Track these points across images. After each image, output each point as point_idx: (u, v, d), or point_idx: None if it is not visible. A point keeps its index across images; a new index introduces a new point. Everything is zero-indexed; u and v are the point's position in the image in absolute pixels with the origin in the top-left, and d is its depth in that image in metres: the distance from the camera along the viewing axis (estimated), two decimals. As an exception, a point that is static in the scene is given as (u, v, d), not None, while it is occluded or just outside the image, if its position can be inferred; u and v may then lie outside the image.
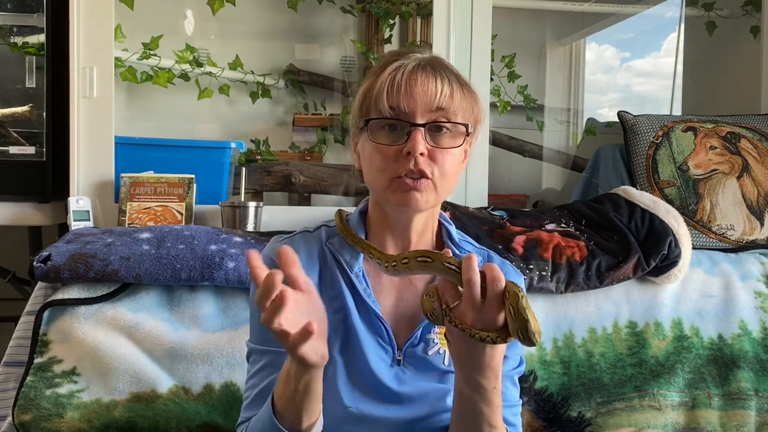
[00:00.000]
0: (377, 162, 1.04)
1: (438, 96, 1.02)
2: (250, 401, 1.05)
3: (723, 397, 1.67)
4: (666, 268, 1.70)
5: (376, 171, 1.04)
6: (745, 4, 2.58)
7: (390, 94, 1.02)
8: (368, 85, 1.07)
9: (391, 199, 1.04)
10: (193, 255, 1.53)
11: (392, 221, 1.09)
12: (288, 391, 0.93)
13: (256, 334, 1.08)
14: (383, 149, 1.03)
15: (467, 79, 1.09)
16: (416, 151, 1.00)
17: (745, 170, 1.96)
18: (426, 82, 1.03)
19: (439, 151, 1.03)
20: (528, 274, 1.61)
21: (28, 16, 2.04)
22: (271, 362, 1.04)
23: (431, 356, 1.07)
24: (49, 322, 1.48)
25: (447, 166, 1.03)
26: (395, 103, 1.02)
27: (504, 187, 2.71)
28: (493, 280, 0.89)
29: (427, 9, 2.39)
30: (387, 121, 1.03)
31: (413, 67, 1.04)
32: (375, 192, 1.08)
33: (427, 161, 1.02)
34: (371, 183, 1.07)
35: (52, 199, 2.00)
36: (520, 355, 1.15)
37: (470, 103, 1.07)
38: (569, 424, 1.62)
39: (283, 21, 2.66)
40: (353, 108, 1.10)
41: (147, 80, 2.36)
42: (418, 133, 1.01)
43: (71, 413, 1.40)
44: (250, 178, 2.13)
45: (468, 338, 0.91)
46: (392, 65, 1.05)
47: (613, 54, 3.12)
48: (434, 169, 1.02)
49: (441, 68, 1.06)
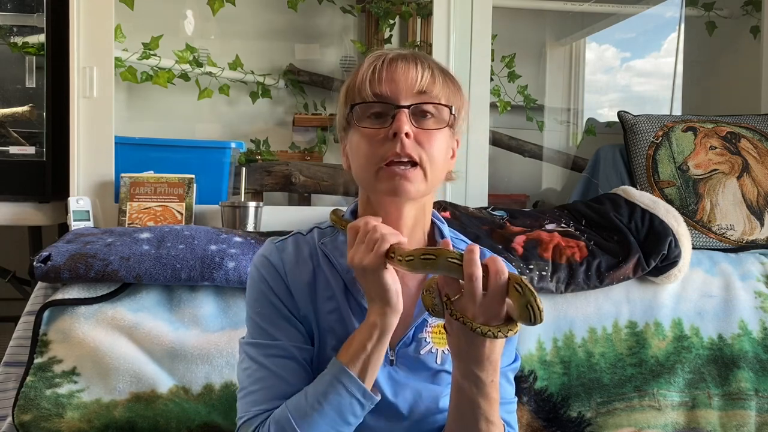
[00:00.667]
0: (363, 149, 1.04)
1: (419, 80, 1.03)
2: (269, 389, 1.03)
3: (723, 397, 1.67)
4: (666, 268, 1.70)
5: (364, 160, 1.04)
6: (745, 4, 2.58)
7: (372, 81, 1.03)
8: (350, 81, 1.08)
9: (379, 188, 1.03)
10: (193, 255, 1.53)
11: (382, 217, 1.08)
12: (360, 344, 0.98)
13: (257, 330, 1.08)
14: (369, 134, 1.03)
15: (449, 69, 1.10)
16: (401, 131, 1.00)
17: (745, 170, 1.96)
18: (406, 68, 1.04)
19: (425, 134, 1.03)
20: (528, 274, 1.61)
21: (28, 16, 2.04)
22: (278, 353, 1.04)
23: (424, 355, 1.07)
24: (49, 322, 1.48)
25: (434, 150, 1.03)
26: (377, 88, 1.03)
27: (504, 187, 2.71)
28: (497, 273, 0.90)
29: (427, 9, 2.39)
30: (371, 107, 1.04)
31: (392, 57, 1.05)
32: (364, 184, 1.07)
33: (414, 144, 1.02)
34: (360, 175, 1.07)
35: (52, 199, 2.00)
36: (515, 352, 1.15)
37: (453, 90, 1.07)
38: (569, 424, 1.62)
39: (283, 21, 2.66)
40: (338, 108, 1.11)
41: (147, 80, 2.36)
42: (403, 114, 1.01)
43: (71, 413, 1.40)
44: (250, 178, 2.13)
45: (468, 332, 0.91)
46: (372, 56, 1.06)
47: (613, 54, 3.12)
48: (422, 153, 1.02)
49: (421, 57, 1.07)
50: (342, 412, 0.97)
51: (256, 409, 1.04)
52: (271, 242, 1.12)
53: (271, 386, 1.03)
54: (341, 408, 0.97)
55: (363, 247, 0.97)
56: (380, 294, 0.97)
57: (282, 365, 1.04)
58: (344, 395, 0.97)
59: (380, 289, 0.97)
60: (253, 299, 1.09)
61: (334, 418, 0.97)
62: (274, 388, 1.03)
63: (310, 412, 0.98)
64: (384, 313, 0.97)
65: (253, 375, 1.06)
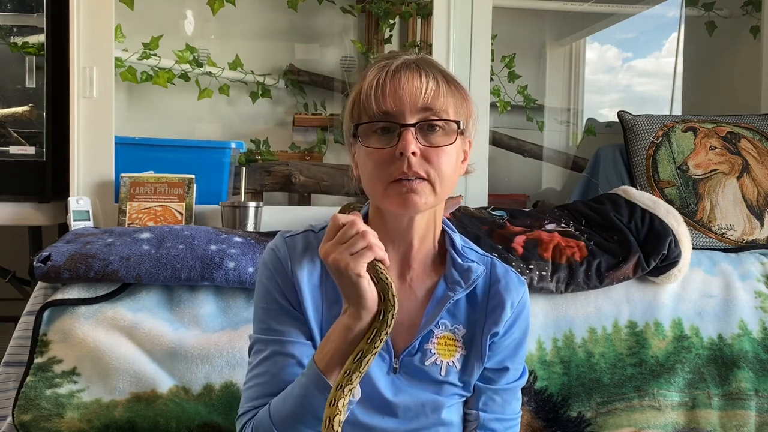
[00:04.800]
0: (370, 168, 1.03)
1: (424, 93, 1.01)
2: (262, 385, 1.04)
3: (723, 397, 1.67)
4: (666, 268, 1.70)
5: (371, 178, 1.03)
6: (745, 4, 2.58)
7: (377, 96, 1.01)
8: (356, 92, 1.06)
9: (388, 204, 1.03)
10: (193, 255, 1.53)
11: (392, 227, 1.08)
12: (335, 346, 0.96)
13: (261, 325, 1.08)
14: (375, 154, 1.02)
15: (455, 76, 1.09)
16: (408, 151, 0.99)
17: (745, 170, 1.96)
18: (410, 81, 1.02)
19: (433, 150, 1.02)
20: (528, 274, 1.61)
21: (28, 16, 2.04)
22: (278, 350, 1.04)
23: (428, 366, 1.07)
24: (49, 322, 1.48)
25: (443, 165, 1.02)
26: (383, 104, 1.01)
27: (504, 187, 2.71)
28: None
29: (427, 9, 2.39)
30: (376, 124, 1.02)
31: (397, 66, 1.03)
32: (373, 199, 1.07)
33: (421, 162, 1.00)
34: (368, 190, 1.06)
35: (52, 199, 2.00)
36: (522, 367, 1.15)
37: (459, 98, 1.05)
38: (569, 424, 1.62)
39: (283, 21, 2.66)
40: (345, 116, 1.09)
41: (147, 80, 2.36)
42: (409, 132, 1.00)
43: (71, 413, 1.40)
44: (250, 178, 2.13)
45: None
46: (377, 66, 1.05)
47: (613, 54, 3.12)
48: (429, 169, 1.01)
49: (425, 66, 1.05)
50: (319, 416, 0.96)
51: (248, 404, 1.05)
52: (281, 236, 1.11)
53: (266, 383, 1.04)
54: (316, 411, 0.96)
55: (344, 249, 0.95)
56: (356, 299, 0.96)
57: (280, 362, 1.04)
58: (319, 399, 0.96)
59: (356, 294, 0.96)
60: (259, 293, 1.09)
61: (311, 421, 0.97)
62: (268, 384, 1.04)
63: (288, 414, 0.98)
64: (359, 316, 0.96)
65: (252, 370, 1.07)
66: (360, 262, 0.94)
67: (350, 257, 0.94)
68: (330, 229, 0.98)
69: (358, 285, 0.95)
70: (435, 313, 1.07)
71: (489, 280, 1.12)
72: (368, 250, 0.95)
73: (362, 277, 0.95)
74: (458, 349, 1.09)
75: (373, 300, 0.96)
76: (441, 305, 1.07)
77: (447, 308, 1.08)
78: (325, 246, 0.97)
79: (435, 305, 1.08)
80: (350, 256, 0.94)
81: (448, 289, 1.08)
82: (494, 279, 1.12)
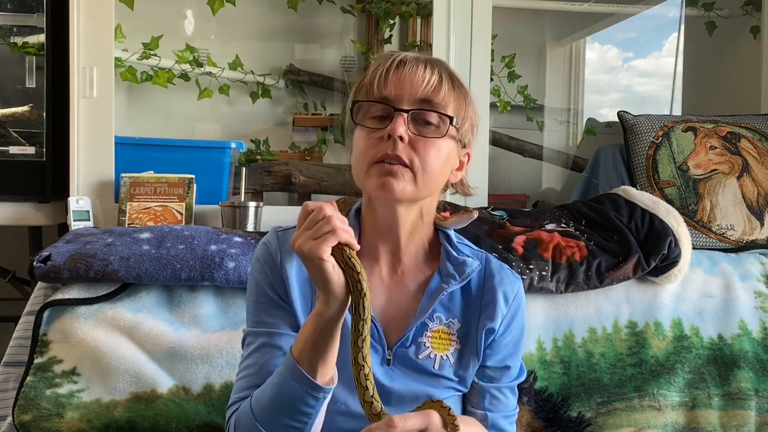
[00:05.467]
0: (359, 148, 1.04)
1: (424, 84, 1.02)
2: (249, 377, 1.05)
3: (723, 397, 1.67)
4: (666, 268, 1.70)
5: (357, 158, 1.04)
6: (745, 4, 2.58)
7: (380, 81, 1.03)
8: (360, 79, 1.08)
9: (368, 185, 1.03)
10: (193, 255, 1.53)
11: (379, 219, 1.08)
12: (308, 334, 0.95)
13: (252, 318, 1.09)
14: (367, 134, 1.03)
15: (462, 80, 1.09)
16: (395, 133, 1.00)
17: (745, 170, 1.96)
18: (414, 71, 1.03)
19: (422, 141, 1.02)
20: (528, 274, 1.61)
21: (28, 16, 2.04)
22: (267, 342, 1.05)
23: (422, 360, 1.07)
24: (49, 322, 1.48)
25: (429, 158, 1.02)
26: (384, 89, 1.03)
27: (504, 187, 2.71)
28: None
29: (427, 9, 2.39)
30: (373, 105, 1.04)
31: (406, 57, 1.05)
32: (358, 181, 1.07)
33: (407, 148, 1.01)
34: (354, 172, 1.07)
35: (52, 199, 2.00)
36: (520, 364, 1.16)
37: (461, 100, 1.06)
38: (569, 424, 1.62)
39: (283, 21, 2.66)
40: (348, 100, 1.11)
41: (147, 80, 2.36)
42: (400, 117, 1.01)
43: (71, 413, 1.40)
44: (250, 178, 2.13)
45: None
46: (386, 54, 1.06)
47: (613, 54, 3.12)
48: (414, 157, 1.01)
49: (434, 62, 1.06)
50: (295, 405, 0.96)
51: (237, 396, 1.06)
52: (273, 230, 1.12)
53: (254, 374, 1.05)
54: (293, 401, 0.96)
55: (309, 234, 0.93)
56: (322, 284, 0.94)
57: (268, 354, 1.04)
58: (295, 388, 0.96)
59: (322, 279, 0.94)
60: (251, 287, 1.10)
61: (290, 411, 0.97)
62: (255, 376, 1.04)
63: (267, 403, 0.98)
64: (327, 302, 0.95)
65: (243, 362, 1.08)
66: (322, 247, 0.92)
67: (313, 242, 0.92)
68: (300, 216, 0.97)
69: (321, 269, 0.93)
70: (429, 305, 1.08)
71: (483, 275, 1.13)
72: (331, 234, 0.92)
73: (325, 261, 0.92)
74: (453, 343, 1.09)
75: (339, 285, 0.94)
76: (435, 297, 1.08)
77: (441, 301, 1.09)
78: (295, 233, 0.96)
79: (429, 297, 1.08)
80: (313, 240, 0.93)
81: (442, 281, 1.09)
82: (489, 274, 1.13)
